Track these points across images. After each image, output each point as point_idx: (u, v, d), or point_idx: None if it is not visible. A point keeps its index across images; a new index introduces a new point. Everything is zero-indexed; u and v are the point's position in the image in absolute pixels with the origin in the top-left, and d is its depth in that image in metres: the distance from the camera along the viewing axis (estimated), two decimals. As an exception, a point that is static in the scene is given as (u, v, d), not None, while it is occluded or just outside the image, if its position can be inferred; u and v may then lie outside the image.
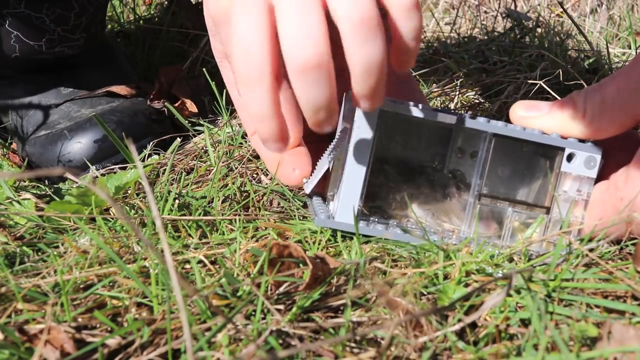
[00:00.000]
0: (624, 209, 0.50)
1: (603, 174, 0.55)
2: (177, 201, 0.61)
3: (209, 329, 0.42)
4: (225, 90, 0.87)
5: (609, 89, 0.51)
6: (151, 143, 0.78)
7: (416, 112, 0.54)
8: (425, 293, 0.46)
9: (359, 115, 0.53)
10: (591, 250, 0.52)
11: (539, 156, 0.57)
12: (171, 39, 1.17)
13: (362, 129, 0.54)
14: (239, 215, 0.60)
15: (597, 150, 0.54)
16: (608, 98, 0.51)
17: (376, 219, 0.57)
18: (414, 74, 1.04)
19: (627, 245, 0.54)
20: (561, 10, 1.62)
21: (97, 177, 0.71)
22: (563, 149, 0.54)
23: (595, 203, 0.54)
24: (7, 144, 0.87)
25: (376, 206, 0.59)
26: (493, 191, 0.56)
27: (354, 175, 0.54)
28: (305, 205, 0.65)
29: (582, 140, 0.54)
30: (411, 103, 0.54)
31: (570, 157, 0.55)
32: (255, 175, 0.73)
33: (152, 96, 0.87)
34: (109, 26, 1.31)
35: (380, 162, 0.59)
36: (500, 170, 0.57)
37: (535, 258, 0.53)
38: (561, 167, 0.55)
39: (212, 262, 0.51)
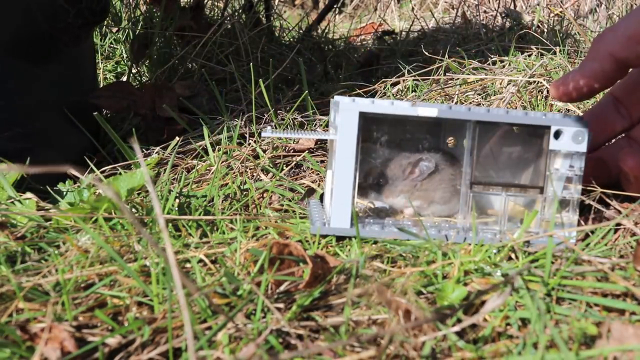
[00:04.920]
0: None
1: None
2: (177, 200, 0.61)
3: (209, 328, 0.42)
4: (224, 90, 0.87)
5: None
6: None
7: (396, 110, 0.54)
8: (424, 292, 0.47)
9: (340, 121, 0.54)
10: (587, 246, 0.52)
11: (527, 138, 0.57)
12: (170, 38, 1.17)
13: (345, 134, 0.54)
14: (240, 214, 0.60)
15: (583, 124, 0.54)
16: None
17: (371, 220, 0.57)
18: (414, 73, 1.04)
19: (629, 245, 0.54)
20: (560, 10, 1.62)
21: (100, 179, 0.71)
22: (549, 128, 0.54)
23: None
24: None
25: (371, 206, 0.59)
26: (485, 178, 0.57)
27: (344, 179, 0.54)
28: (303, 198, 0.65)
29: (566, 116, 0.55)
30: (390, 101, 0.55)
31: (557, 135, 0.55)
32: (254, 174, 0.73)
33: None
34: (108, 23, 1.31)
35: (373, 161, 0.59)
36: (490, 156, 0.57)
37: (533, 245, 0.53)
38: (550, 146, 0.55)
39: (213, 261, 0.52)
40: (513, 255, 0.51)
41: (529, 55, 1.11)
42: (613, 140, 0.63)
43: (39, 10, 0.72)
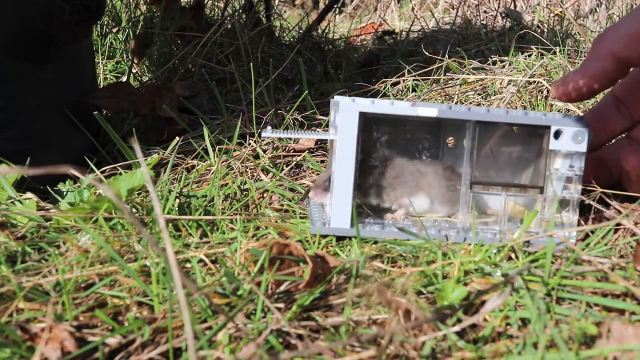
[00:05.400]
0: None
1: None
2: (177, 200, 0.61)
3: (209, 328, 0.42)
4: (224, 90, 0.87)
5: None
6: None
7: (396, 110, 0.54)
8: (424, 292, 0.47)
9: (340, 121, 0.54)
10: (587, 246, 0.52)
11: (527, 138, 0.57)
12: (170, 38, 1.17)
13: (345, 134, 0.54)
14: (240, 214, 0.60)
15: (583, 124, 0.54)
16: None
17: (371, 220, 0.57)
18: (414, 73, 1.04)
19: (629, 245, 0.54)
20: (560, 10, 1.62)
21: (100, 179, 0.71)
22: (549, 128, 0.54)
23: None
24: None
25: (372, 205, 0.59)
26: (485, 178, 0.57)
27: (343, 179, 0.55)
28: (303, 198, 0.66)
29: (566, 116, 0.55)
30: (390, 101, 0.55)
31: (557, 135, 0.55)
32: (254, 174, 0.73)
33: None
34: (108, 22, 1.31)
35: (372, 160, 0.59)
36: (490, 156, 0.58)
37: (533, 245, 0.53)
38: (549, 146, 0.55)
39: (213, 261, 0.52)
40: (513, 255, 0.51)
41: (529, 55, 1.11)
42: (613, 141, 0.63)
43: (34, 9, 0.72)
